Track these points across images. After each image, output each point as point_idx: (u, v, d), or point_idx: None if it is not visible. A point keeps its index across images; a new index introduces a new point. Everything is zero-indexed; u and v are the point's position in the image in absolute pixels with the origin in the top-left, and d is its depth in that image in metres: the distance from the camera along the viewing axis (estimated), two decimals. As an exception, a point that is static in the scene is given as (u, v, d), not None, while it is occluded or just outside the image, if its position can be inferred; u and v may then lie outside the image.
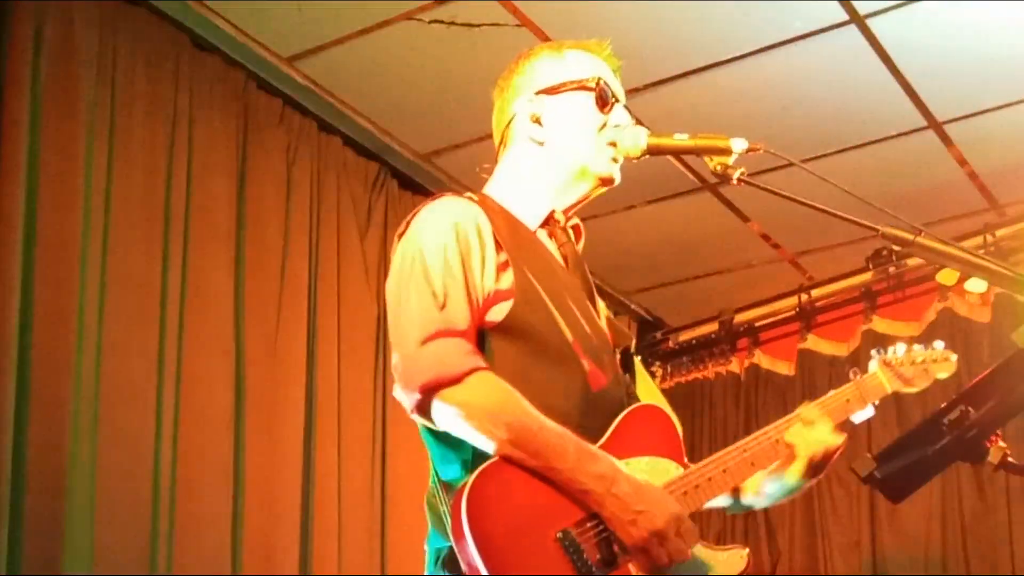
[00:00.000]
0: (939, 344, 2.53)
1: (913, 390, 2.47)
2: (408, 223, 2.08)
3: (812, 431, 2.17)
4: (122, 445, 3.68)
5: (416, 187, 5.10)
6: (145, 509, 3.71)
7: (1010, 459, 2.84)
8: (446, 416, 1.89)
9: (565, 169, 2.18)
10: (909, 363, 2.45)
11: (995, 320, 5.41)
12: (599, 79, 2.20)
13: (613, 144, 2.18)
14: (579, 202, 2.23)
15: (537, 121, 2.19)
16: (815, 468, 2.17)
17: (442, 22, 4.13)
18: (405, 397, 1.93)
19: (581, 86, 2.20)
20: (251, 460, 4.12)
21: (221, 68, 4.32)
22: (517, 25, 4.14)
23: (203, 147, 4.17)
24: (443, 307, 1.94)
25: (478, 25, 4.14)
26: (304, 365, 4.41)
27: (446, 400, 1.88)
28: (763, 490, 2.22)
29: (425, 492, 2.05)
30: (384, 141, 4.87)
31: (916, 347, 2.49)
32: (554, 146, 2.18)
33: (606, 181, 2.20)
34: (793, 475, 2.17)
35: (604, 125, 2.19)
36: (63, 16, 3.75)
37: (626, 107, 2.24)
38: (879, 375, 2.39)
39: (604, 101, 2.19)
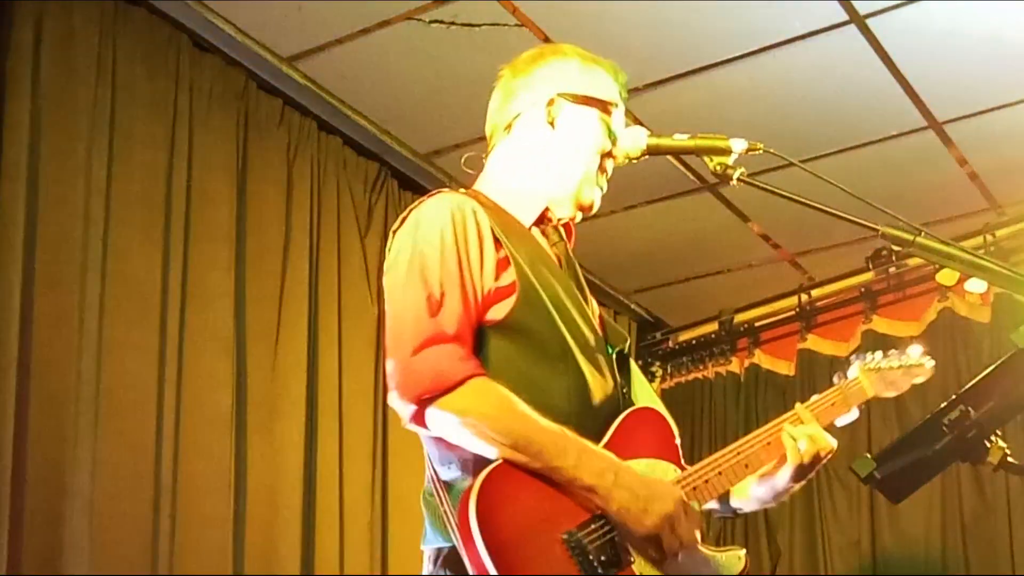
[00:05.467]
0: (915, 350, 2.58)
1: (892, 394, 2.52)
2: (404, 219, 2.06)
3: (803, 434, 2.16)
4: (122, 445, 3.68)
5: (416, 187, 5.09)
6: (146, 509, 3.71)
7: (1010, 459, 2.84)
8: (444, 425, 1.88)
9: (557, 183, 2.17)
10: (888, 368, 2.50)
11: (995, 320, 5.41)
12: (618, 106, 2.20)
13: (603, 170, 2.19)
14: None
15: (551, 123, 2.17)
16: (804, 471, 2.16)
17: (442, 22, 4.13)
18: (400, 407, 1.91)
19: (604, 107, 2.19)
20: (252, 460, 4.12)
21: (221, 68, 4.32)
22: (517, 25, 4.14)
23: (203, 147, 4.17)
24: (438, 311, 1.92)
25: (478, 25, 4.14)
26: (305, 365, 4.40)
27: (443, 408, 1.86)
28: (752, 494, 2.22)
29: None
30: (384, 141, 4.87)
31: (893, 352, 2.54)
32: (558, 154, 2.17)
33: (585, 208, 2.21)
34: (782, 478, 2.18)
35: (606, 152, 2.18)
36: (63, 16, 3.76)
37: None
38: (861, 380, 2.42)
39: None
